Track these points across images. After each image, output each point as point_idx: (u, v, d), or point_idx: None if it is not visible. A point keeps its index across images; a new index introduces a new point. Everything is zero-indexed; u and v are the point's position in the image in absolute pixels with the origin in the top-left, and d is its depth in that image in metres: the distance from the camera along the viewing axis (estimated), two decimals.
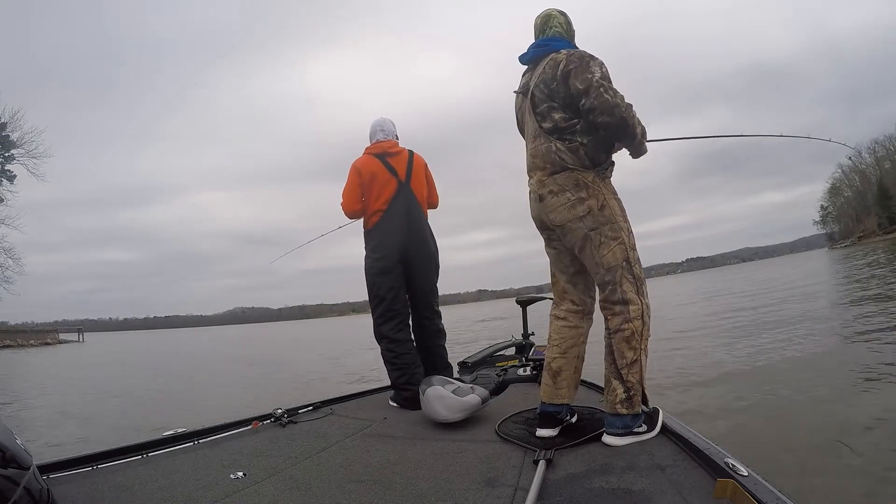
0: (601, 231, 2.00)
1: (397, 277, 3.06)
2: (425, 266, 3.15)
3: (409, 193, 3.09)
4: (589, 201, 2.01)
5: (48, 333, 44.84)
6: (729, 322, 9.28)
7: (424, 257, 3.13)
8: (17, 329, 44.76)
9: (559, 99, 2.03)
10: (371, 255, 3.10)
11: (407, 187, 3.09)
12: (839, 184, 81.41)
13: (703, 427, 3.02)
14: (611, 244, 2.00)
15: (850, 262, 25.15)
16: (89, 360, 21.05)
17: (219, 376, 11.23)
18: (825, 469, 2.71)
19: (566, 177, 2.04)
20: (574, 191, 2.02)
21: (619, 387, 1.95)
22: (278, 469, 1.96)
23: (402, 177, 3.09)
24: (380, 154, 3.12)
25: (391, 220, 3.05)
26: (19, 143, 38.55)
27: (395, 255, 3.04)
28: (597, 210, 2.01)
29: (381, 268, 3.05)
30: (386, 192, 3.05)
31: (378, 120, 3.28)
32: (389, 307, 3.06)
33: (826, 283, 15.51)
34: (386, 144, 3.18)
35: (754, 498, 1.28)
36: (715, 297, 16.27)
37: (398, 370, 2.99)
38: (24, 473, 1.39)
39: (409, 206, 3.08)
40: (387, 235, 3.05)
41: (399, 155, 3.15)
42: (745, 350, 6.21)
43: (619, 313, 1.99)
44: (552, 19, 2.22)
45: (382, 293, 3.06)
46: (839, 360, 5.02)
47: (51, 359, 22.70)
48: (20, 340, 37.86)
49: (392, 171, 3.08)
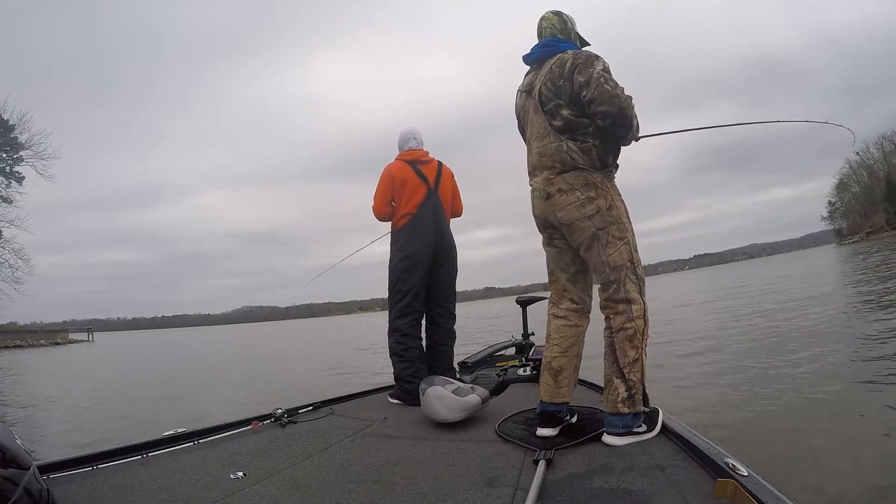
0: (609, 231, 2.03)
1: (421, 277, 3.19)
2: (448, 268, 3.31)
3: (436, 199, 3.26)
4: (598, 201, 2.03)
5: (58, 333, 45.25)
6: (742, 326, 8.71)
7: (448, 260, 3.30)
8: (27, 329, 45.19)
9: (566, 96, 2.05)
10: (398, 254, 3.23)
11: (435, 194, 3.26)
12: (847, 179, 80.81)
13: (703, 427, 3.01)
14: (617, 244, 2.02)
15: (860, 258, 24.95)
16: (102, 359, 21.20)
17: (230, 375, 11.29)
18: (825, 469, 2.70)
19: (576, 176, 2.05)
20: (584, 190, 2.04)
21: (620, 385, 1.95)
22: (278, 469, 1.97)
23: (431, 184, 3.26)
24: (412, 161, 3.28)
25: (419, 223, 3.20)
26: (27, 145, 38.90)
27: (420, 255, 3.17)
28: (605, 210, 2.03)
29: (407, 266, 3.19)
30: (416, 197, 3.21)
31: (410, 129, 3.44)
32: (409, 304, 3.20)
33: (837, 281, 15.34)
34: (419, 153, 3.35)
35: (754, 498, 1.27)
36: (730, 298, 15.68)
37: (405, 362, 3.11)
38: (24, 473, 1.39)
39: (436, 211, 3.24)
40: (414, 237, 3.19)
41: (430, 164, 3.32)
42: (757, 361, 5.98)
43: (622, 312, 2.00)
44: (544, 21, 2.28)
45: (405, 290, 3.19)
46: (847, 361, 4.98)
47: (65, 359, 22.83)
48: (30, 340, 38.20)
49: (423, 177, 3.25)
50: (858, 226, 76.05)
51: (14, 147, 39.08)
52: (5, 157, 39.44)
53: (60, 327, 54.10)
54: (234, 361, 15.38)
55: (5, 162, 39.61)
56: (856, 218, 78.75)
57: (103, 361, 19.75)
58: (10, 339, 36.57)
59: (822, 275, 18.41)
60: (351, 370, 9.02)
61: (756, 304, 11.61)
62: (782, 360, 5.30)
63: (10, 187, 39.58)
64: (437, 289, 3.30)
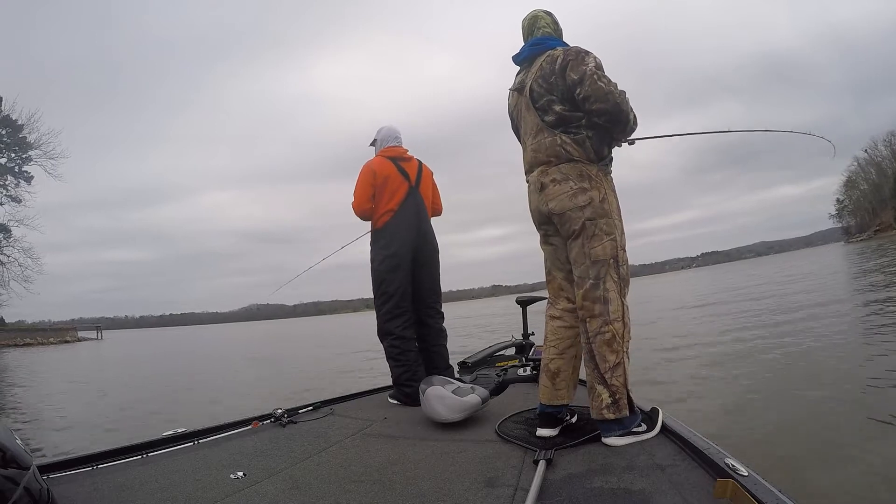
0: (597, 223, 2.01)
1: (406, 275, 3.15)
2: (430, 268, 3.26)
3: (418, 197, 3.23)
4: (591, 192, 2.02)
5: (67, 331, 45.67)
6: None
7: (430, 259, 3.25)
8: (36, 327, 45.57)
9: (558, 92, 2.04)
10: (381, 253, 3.18)
11: (416, 191, 3.23)
12: (855, 177, 79.86)
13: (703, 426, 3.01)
14: (603, 238, 2.01)
15: (872, 256, 24.67)
16: (114, 357, 21.33)
17: (239, 373, 11.34)
18: (825, 469, 2.69)
19: (571, 167, 2.05)
20: (577, 180, 2.03)
21: (603, 392, 1.93)
22: (278, 469, 1.97)
23: (412, 181, 3.23)
24: (394, 158, 3.25)
25: (402, 221, 3.16)
26: (36, 145, 39.24)
27: (403, 253, 3.13)
28: (598, 202, 2.01)
29: (391, 266, 3.14)
30: (398, 195, 3.18)
31: (390, 127, 3.41)
32: (398, 304, 3.14)
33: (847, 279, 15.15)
34: (400, 150, 3.33)
35: (754, 498, 1.27)
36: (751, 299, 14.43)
37: (402, 366, 3.06)
38: (24, 473, 1.39)
39: (418, 208, 3.21)
40: (397, 234, 3.15)
41: (411, 162, 3.31)
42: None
43: (598, 315, 1.97)
44: (539, 20, 2.25)
45: (391, 291, 3.14)
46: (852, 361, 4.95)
47: (76, 357, 23.03)
48: (40, 338, 38.54)
49: (405, 174, 3.22)
50: (867, 223, 75.26)
51: (23, 147, 39.48)
52: (14, 156, 39.85)
53: (69, 325, 54.53)
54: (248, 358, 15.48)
55: (14, 162, 40.02)
56: (864, 216, 77.89)
57: (116, 360, 19.89)
58: (20, 338, 36.94)
59: (836, 273, 18.04)
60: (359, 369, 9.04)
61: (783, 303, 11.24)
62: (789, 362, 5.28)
63: (18, 186, 40.03)
64: (423, 289, 3.25)
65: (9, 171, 39.96)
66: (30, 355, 24.58)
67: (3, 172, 39.88)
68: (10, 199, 39.72)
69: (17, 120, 39.02)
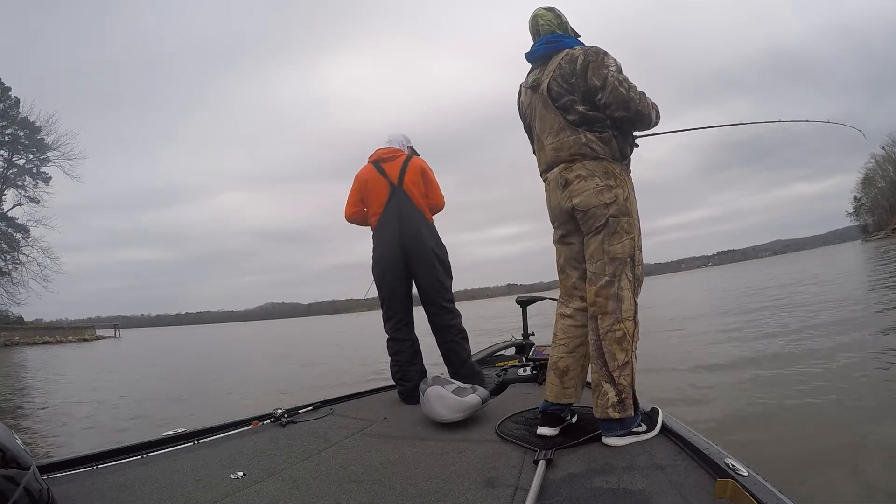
0: (619, 221, 2.00)
1: (395, 278, 3.15)
2: (423, 264, 3.18)
3: (401, 195, 3.16)
4: (616, 190, 2.01)
5: (85, 330, 46.29)
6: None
7: (421, 255, 3.17)
8: (55, 325, 46.19)
9: (579, 93, 2.04)
10: (372, 257, 3.23)
11: (400, 190, 3.16)
12: (872, 174, 78.31)
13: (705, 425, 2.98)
14: (623, 236, 2.00)
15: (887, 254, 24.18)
16: (135, 355, 21.47)
17: (258, 372, 11.41)
18: (826, 469, 2.66)
19: (596, 164, 2.04)
20: (603, 178, 2.02)
21: (610, 390, 1.92)
22: (278, 469, 1.97)
23: (394, 180, 3.18)
24: (376, 160, 3.25)
25: (385, 223, 3.16)
26: (54, 146, 39.92)
27: (388, 254, 3.14)
28: (622, 200, 2.01)
29: (378, 269, 3.18)
30: (381, 197, 3.18)
31: (388, 133, 3.42)
32: (388, 307, 3.20)
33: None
34: (382, 151, 3.29)
35: (754, 498, 1.26)
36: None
37: (395, 366, 3.17)
38: (24, 473, 1.40)
39: (401, 207, 3.15)
40: (382, 237, 3.17)
41: (394, 160, 3.23)
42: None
43: (610, 312, 1.96)
44: (540, 18, 2.24)
45: (382, 294, 3.21)
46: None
47: (95, 355, 23.20)
48: (59, 337, 39.08)
49: (385, 175, 3.19)
50: (885, 221, 73.80)
51: (41, 148, 40.20)
52: (32, 157, 40.59)
53: (88, 324, 55.32)
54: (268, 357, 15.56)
55: (32, 163, 40.76)
56: (882, 214, 76.35)
57: (136, 357, 20.04)
58: (39, 336, 37.50)
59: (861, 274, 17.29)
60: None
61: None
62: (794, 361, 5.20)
63: (37, 187, 40.76)
64: (422, 288, 3.22)
65: (27, 172, 40.76)
66: (50, 353, 24.87)
67: (21, 174, 40.72)
68: (28, 200, 40.52)
69: (35, 122, 39.74)
